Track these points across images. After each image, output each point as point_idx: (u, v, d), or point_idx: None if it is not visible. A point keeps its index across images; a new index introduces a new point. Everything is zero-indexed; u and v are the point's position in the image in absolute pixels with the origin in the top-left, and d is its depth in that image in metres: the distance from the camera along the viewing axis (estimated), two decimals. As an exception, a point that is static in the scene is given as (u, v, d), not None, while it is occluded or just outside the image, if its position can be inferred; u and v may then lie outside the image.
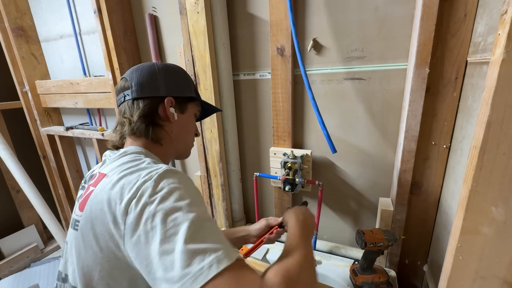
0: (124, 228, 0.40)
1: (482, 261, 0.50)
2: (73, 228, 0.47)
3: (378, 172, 0.91)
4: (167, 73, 0.59)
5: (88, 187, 0.49)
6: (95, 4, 1.10)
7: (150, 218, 0.39)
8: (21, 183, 1.49)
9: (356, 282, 0.80)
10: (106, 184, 0.45)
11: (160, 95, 0.57)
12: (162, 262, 0.37)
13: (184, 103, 0.62)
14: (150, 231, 0.38)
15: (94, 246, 0.43)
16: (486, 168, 0.45)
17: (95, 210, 0.43)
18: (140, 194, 0.41)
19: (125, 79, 0.58)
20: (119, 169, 0.47)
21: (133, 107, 0.56)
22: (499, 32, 0.41)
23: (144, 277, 0.40)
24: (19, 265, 1.64)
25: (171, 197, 0.41)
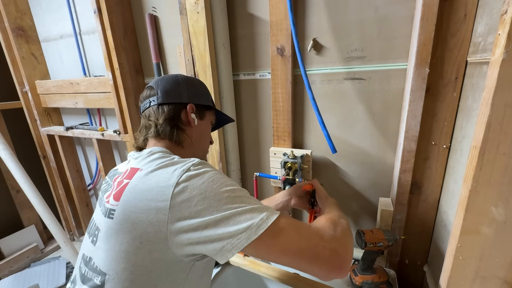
0: (170, 213, 0.44)
1: (482, 261, 0.50)
2: (108, 217, 0.49)
3: (378, 172, 0.91)
4: (188, 83, 0.65)
5: (122, 180, 0.51)
6: (95, 4, 1.10)
7: (201, 199, 0.44)
8: (21, 183, 1.49)
9: (356, 282, 0.80)
10: (142, 176, 0.49)
11: (183, 102, 0.62)
12: (225, 222, 0.43)
13: (203, 111, 0.67)
14: (204, 209, 0.44)
15: (132, 232, 0.45)
16: (486, 168, 0.45)
17: (133, 199, 0.46)
18: (183, 178, 0.46)
19: (150, 87, 0.64)
20: (153, 164, 0.50)
21: (158, 112, 0.61)
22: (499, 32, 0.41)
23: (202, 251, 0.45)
24: (19, 265, 1.64)
25: (213, 177, 0.47)
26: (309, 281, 0.84)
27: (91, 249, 0.52)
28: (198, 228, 0.44)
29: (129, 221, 0.46)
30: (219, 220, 0.43)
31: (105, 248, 0.48)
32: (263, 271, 0.90)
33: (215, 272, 0.95)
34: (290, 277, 0.86)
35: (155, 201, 0.45)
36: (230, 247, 0.43)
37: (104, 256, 0.48)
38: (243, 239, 0.43)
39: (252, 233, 0.43)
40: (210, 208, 0.44)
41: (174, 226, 0.44)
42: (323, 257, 0.46)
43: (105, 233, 0.49)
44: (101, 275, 0.48)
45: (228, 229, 0.43)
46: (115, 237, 0.47)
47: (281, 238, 0.45)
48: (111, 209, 0.49)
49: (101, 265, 0.48)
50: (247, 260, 0.96)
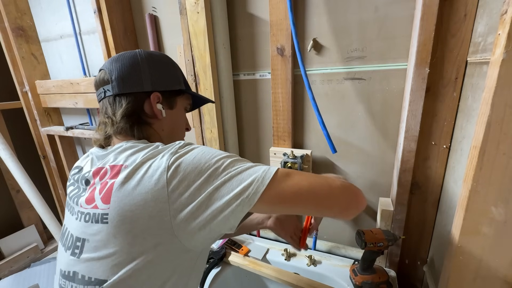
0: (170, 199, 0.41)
1: (482, 261, 0.50)
2: (101, 222, 0.44)
3: (378, 172, 0.91)
4: (152, 63, 0.54)
5: (105, 181, 0.46)
6: (95, 4, 1.09)
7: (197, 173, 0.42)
8: (21, 183, 1.49)
9: (356, 282, 0.80)
10: (130, 170, 0.44)
11: (145, 90, 0.52)
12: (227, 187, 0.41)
13: (172, 98, 0.57)
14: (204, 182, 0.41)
15: (132, 231, 0.42)
16: (486, 168, 0.45)
17: (126, 197, 0.42)
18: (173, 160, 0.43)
19: (103, 71, 0.53)
20: (137, 156, 0.45)
21: (115, 105, 0.52)
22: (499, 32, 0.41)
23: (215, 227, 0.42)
24: (19, 265, 1.64)
25: (203, 150, 0.45)
26: (310, 281, 0.84)
27: (72, 262, 0.46)
28: (202, 206, 0.41)
29: (127, 221, 0.42)
30: (221, 185, 0.41)
31: (100, 256, 0.44)
32: (263, 271, 0.90)
33: (215, 272, 0.95)
34: (290, 277, 0.86)
35: (151, 192, 0.41)
36: (241, 207, 0.41)
37: (101, 265, 0.44)
38: (251, 193, 0.40)
39: (259, 184, 0.41)
40: (209, 179, 0.41)
41: (178, 214, 0.41)
42: (336, 189, 0.44)
43: (99, 240, 0.44)
44: (98, 283, 0.43)
45: (233, 190, 0.41)
46: (114, 241, 0.43)
47: (290, 181, 0.43)
48: (103, 214, 0.44)
49: (97, 274, 0.44)
50: (247, 260, 0.96)
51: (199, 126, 1.09)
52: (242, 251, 1.00)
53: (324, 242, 1.07)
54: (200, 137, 1.11)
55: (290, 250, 1.00)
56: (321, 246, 1.05)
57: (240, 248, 1.02)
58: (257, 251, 1.02)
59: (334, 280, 0.87)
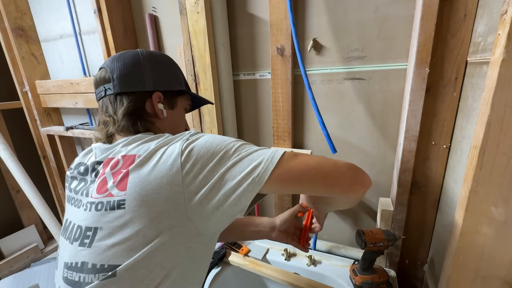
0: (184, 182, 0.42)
1: (482, 261, 0.50)
2: (118, 209, 0.44)
3: (378, 172, 0.91)
4: (153, 63, 0.54)
5: (119, 171, 0.46)
6: (95, 4, 1.10)
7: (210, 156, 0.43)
8: (21, 183, 1.49)
9: (356, 282, 0.80)
10: (143, 159, 0.45)
11: (147, 90, 0.52)
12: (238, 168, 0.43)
13: (173, 98, 0.58)
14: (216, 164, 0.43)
15: (149, 215, 0.43)
16: (486, 168, 0.45)
17: (142, 183, 0.43)
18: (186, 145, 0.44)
19: (104, 69, 0.53)
20: (150, 145, 0.46)
21: (116, 104, 0.51)
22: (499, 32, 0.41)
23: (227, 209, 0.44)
24: (19, 265, 1.64)
25: (214, 136, 0.47)
26: (310, 281, 0.84)
27: (80, 253, 0.46)
28: (215, 187, 0.43)
29: (144, 205, 0.43)
30: (232, 166, 0.43)
31: (114, 242, 0.44)
32: (263, 271, 0.90)
33: (215, 272, 0.95)
34: (290, 277, 0.86)
35: (166, 177, 0.43)
36: (253, 185, 0.42)
37: (116, 251, 0.44)
38: (262, 172, 0.42)
39: (269, 163, 0.43)
40: (221, 161, 0.43)
41: (193, 197, 0.43)
42: (342, 167, 0.47)
43: (114, 226, 0.44)
44: (111, 269, 0.43)
45: (244, 170, 0.43)
46: (131, 226, 0.43)
47: (297, 159, 0.45)
48: (119, 200, 0.44)
49: (111, 260, 0.44)
50: (247, 260, 0.96)
51: (199, 126, 1.09)
52: (242, 251, 1.00)
53: (324, 242, 1.07)
54: (200, 137, 1.11)
55: (290, 250, 1.00)
56: (321, 246, 1.05)
57: (240, 248, 1.02)
58: (257, 251, 1.02)
59: (334, 280, 0.87)
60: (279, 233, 0.73)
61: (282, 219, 0.73)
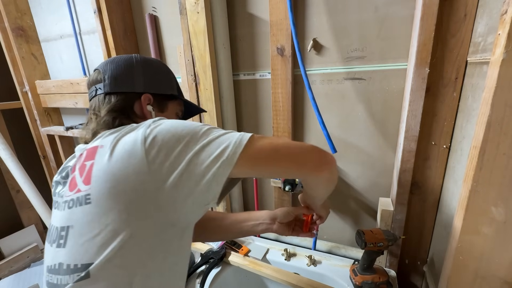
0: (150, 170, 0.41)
1: (482, 261, 0.50)
2: (85, 204, 0.43)
3: (378, 172, 0.91)
4: (146, 67, 0.55)
5: (83, 164, 0.45)
6: (95, 4, 1.09)
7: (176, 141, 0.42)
8: (21, 183, 1.49)
9: (356, 282, 0.80)
10: (106, 149, 0.43)
11: (137, 91, 0.53)
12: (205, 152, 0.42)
13: (164, 101, 0.58)
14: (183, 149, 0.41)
15: (116, 207, 0.42)
16: (486, 168, 0.45)
17: (107, 174, 0.42)
18: (149, 131, 0.42)
19: (98, 71, 0.54)
20: (112, 136, 0.45)
21: (104, 102, 0.52)
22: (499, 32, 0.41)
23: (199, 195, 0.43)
24: (19, 265, 1.64)
25: (179, 121, 0.45)
26: (310, 281, 0.84)
27: (58, 254, 0.45)
28: (184, 173, 0.41)
29: (110, 198, 0.41)
30: (200, 150, 0.42)
31: (85, 239, 0.42)
32: (263, 271, 0.90)
33: (215, 272, 0.95)
34: (290, 277, 0.86)
35: (131, 166, 0.41)
36: (222, 169, 0.41)
37: (87, 248, 0.42)
38: (230, 154, 0.41)
39: (238, 146, 0.42)
40: (188, 145, 0.42)
41: (161, 185, 0.41)
42: (307, 147, 0.48)
43: (83, 223, 0.43)
44: (84, 268, 0.42)
45: (211, 154, 0.41)
46: (98, 220, 0.42)
47: (265, 140, 0.45)
48: (85, 195, 0.43)
49: (83, 259, 0.42)
50: (247, 260, 0.96)
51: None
52: (242, 251, 1.00)
53: (324, 242, 1.07)
54: (200, 137, 1.11)
55: (290, 250, 1.00)
56: (321, 246, 1.05)
57: (240, 248, 1.02)
58: (257, 251, 1.02)
59: (334, 280, 0.87)
60: (281, 225, 0.72)
61: (284, 211, 0.72)
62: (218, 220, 0.77)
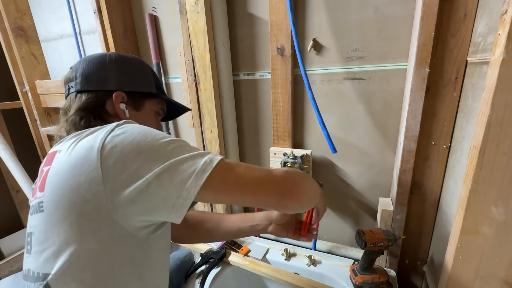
0: (105, 180, 0.38)
1: (482, 261, 0.50)
2: (39, 212, 0.42)
3: (378, 172, 0.91)
4: (120, 64, 0.53)
5: (42, 169, 0.44)
6: (95, 4, 1.09)
7: (136, 154, 0.38)
8: (21, 183, 1.49)
9: (356, 282, 0.80)
10: (62, 156, 0.41)
11: (109, 89, 0.51)
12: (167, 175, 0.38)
13: (140, 99, 0.56)
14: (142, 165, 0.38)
15: (68, 218, 0.39)
16: (486, 168, 0.45)
17: (59, 181, 0.40)
18: (109, 139, 0.39)
19: (71, 69, 0.53)
20: (71, 140, 0.42)
21: (75, 101, 0.51)
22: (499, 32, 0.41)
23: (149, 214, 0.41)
24: (19, 265, 1.64)
25: (145, 131, 0.41)
26: (309, 281, 0.84)
27: (27, 260, 0.45)
28: (141, 192, 0.38)
29: (61, 207, 0.39)
30: (160, 174, 0.38)
31: (43, 248, 0.41)
32: (263, 271, 0.90)
33: (215, 272, 0.95)
34: (290, 277, 0.86)
35: (84, 174, 0.38)
36: (182, 201, 0.39)
37: (44, 257, 0.41)
38: (191, 187, 0.38)
39: (199, 178, 0.39)
40: (148, 163, 0.38)
41: (115, 197, 0.38)
42: (275, 184, 0.44)
43: (39, 231, 0.42)
44: (43, 278, 0.40)
45: (172, 182, 0.38)
46: (51, 230, 0.40)
47: (231, 174, 0.42)
48: (39, 202, 0.42)
49: (42, 268, 0.41)
50: (247, 260, 0.96)
51: (199, 126, 1.09)
52: (242, 251, 1.00)
53: (324, 242, 1.07)
54: (200, 137, 1.11)
55: (290, 250, 1.00)
56: (321, 246, 1.05)
57: (240, 248, 1.02)
58: (257, 251, 1.02)
59: (334, 280, 0.87)
60: (276, 226, 0.71)
61: (278, 214, 0.71)
62: (215, 221, 0.77)
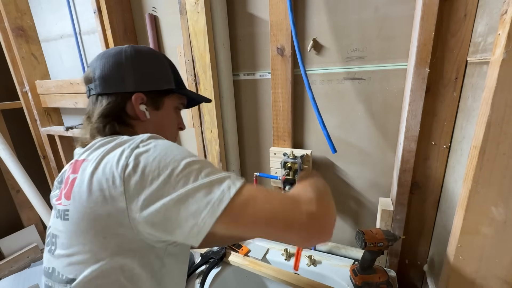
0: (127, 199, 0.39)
1: (482, 261, 0.50)
2: (64, 219, 0.44)
3: (378, 172, 0.91)
4: (137, 61, 0.51)
5: (68, 176, 0.45)
6: (95, 4, 1.09)
7: (155, 176, 0.39)
8: (21, 183, 1.49)
9: (356, 282, 0.80)
10: (89, 167, 0.42)
11: (127, 91, 0.50)
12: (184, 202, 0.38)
13: (159, 98, 0.54)
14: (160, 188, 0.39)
15: (93, 229, 0.41)
16: (486, 168, 0.45)
17: (84, 193, 0.41)
18: (133, 158, 0.40)
19: (89, 68, 0.52)
20: (99, 151, 0.44)
21: (96, 104, 0.50)
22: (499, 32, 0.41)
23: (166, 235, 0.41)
24: (19, 265, 1.64)
25: (166, 151, 0.41)
26: (310, 281, 0.84)
27: (51, 259, 0.46)
28: (158, 215, 0.39)
29: (86, 218, 0.41)
30: (177, 201, 0.38)
31: (68, 253, 0.43)
32: (263, 271, 0.90)
33: (215, 272, 0.95)
34: (290, 277, 0.86)
35: (108, 190, 0.39)
36: (198, 230, 0.38)
37: (69, 262, 0.43)
38: (207, 218, 0.38)
39: (215, 209, 0.38)
40: (166, 186, 0.39)
41: (136, 215, 0.39)
42: (300, 223, 0.40)
43: (66, 237, 0.44)
44: (69, 282, 0.43)
45: (188, 210, 0.38)
46: (76, 239, 0.42)
47: (249, 208, 0.39)
48: (64, 210, 0.43)
49: (67, 272, 0.43)
50: (247, 260, 0.96)
51: (199, 126, 1.09)
52: (242, 251, 1.00)
53: (324, 242, 1.07)
54: (200, 137, 1.11)
55: (290, 250, 1.00)
56: (321, 246, 1.05)
57: (240, 248, 1.02)
58: (257, 251, 1.02)
59: (334, 280, 0.87)
60: None
61: None
62: None
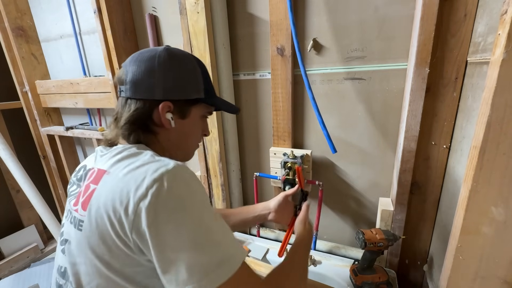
0: (132, 230, 0.39)
1: (482, 261, 0.50)
2: (77, 228, 0.44)
3: (378, 172, 0.91)
4: (169, 68, 0.50)
5: (88, 185, 0.46)
6: (95, 4, 1.09)
7: (161, 224, 0.39)
8: (21, 183, 1.49)
9: (356, 282, 0.80)
10: (109, 182, 0.43)
11: (156, 98, 0.49)
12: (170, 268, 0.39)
13: (186, 107, 0.53)
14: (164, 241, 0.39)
15: (101, 246, 0.42)
16: (486, 168, 0.45)
17: (100, 209, 0.41)
18: (151, 196, 0.39)
19: (122, 69, 0.52)
20: (121, 165, 0.44)
21: (125, 108, 0.51)
22: (499, 32, 0.41)
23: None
24: (19, 265, 1.64)
25: (185, 205, 0.41)
26: (310, 281, 0.84)
27: (64, 259, 0.47)
28: (159, 262, 0.40)
29: (96, 234, 0.41)
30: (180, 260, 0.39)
31: (79, 262, 0.44)
32: (263, 271, 0.90)
33: (215, 272, 0.95)
34: (290, 277, 0.86)
35: (121, 212, 0.39)
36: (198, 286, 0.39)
37: (78, 269, 0.45)
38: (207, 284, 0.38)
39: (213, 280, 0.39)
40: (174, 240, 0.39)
41: (140, 247, 0.40)
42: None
43: (76, 246, 0.45)
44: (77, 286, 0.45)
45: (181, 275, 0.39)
46: (86, 251, 0.43)
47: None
48: (80, 220, 0.44)
49: (76, 279, 0.45)
50: (247, 260, 0.96)
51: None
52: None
53: (324, 242, 1.07)
54: (200, 137, 1.11)
55: (290, 250, 1.00)
56: (321, 246, 1.05)
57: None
58: (257, 251, 1.02)
59: (334, 280, 0.87)
60: (274, 214, 0.77)
61: (276, 199, 0.78)
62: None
